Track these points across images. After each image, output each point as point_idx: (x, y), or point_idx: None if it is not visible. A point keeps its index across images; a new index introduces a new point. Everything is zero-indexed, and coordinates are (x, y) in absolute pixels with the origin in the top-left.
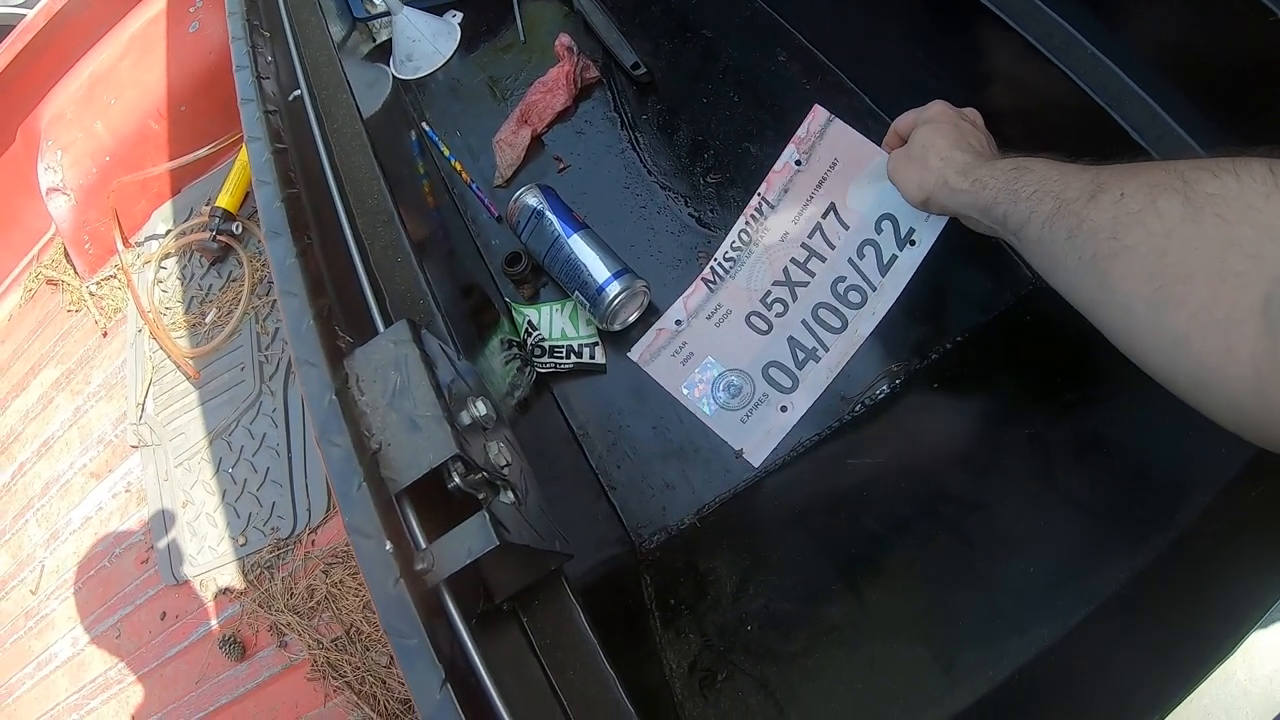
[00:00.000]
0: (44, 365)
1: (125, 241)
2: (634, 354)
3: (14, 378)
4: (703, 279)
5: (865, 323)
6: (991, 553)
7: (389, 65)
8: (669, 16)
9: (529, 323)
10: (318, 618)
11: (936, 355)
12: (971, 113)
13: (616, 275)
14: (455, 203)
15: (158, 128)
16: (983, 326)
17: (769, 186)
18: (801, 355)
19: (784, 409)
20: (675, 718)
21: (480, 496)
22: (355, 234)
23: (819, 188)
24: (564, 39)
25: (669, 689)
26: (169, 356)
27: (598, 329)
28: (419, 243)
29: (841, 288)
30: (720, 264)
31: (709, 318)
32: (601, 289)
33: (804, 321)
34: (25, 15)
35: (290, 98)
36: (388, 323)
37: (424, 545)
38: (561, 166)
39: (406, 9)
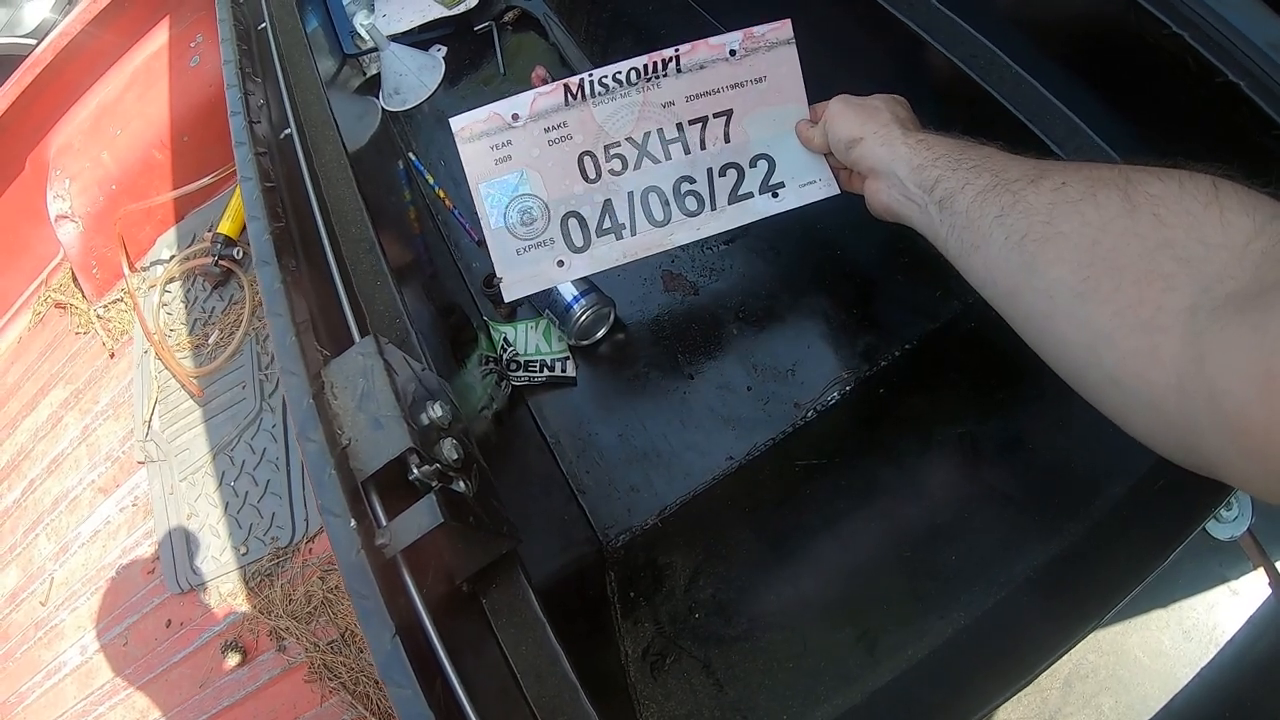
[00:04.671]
0: (53, 385)
1: (131, 266)
2: (456, 123)
3: (24, 397)
4: (564, 85)
5: (684, 233)
6: (919, 542)
7: (378, 98)
8: (639, 44)
9: (505, 339)
10: (315, 622)
11: (885, 362)
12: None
13: (584, 294)
14: (439, 228)
15: (161, 157)
16: (929, 334)
17: (691, 51)
18: (608, 224)
19: (560, 264)
20: (628, 698)
21: (434, 485)
22: (339, 261)
23: (732, 89)
24: (540, 70)
25: (624, 672)
26: (174, 376)
27: (569, 345)
28: (399, 268)
29: (685, 188)
30: (592, 83)
31: (547, 130)
32: (569, 307)
33: (630, 194)
34: (32, 47)
35: (281, 136)
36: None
37: (384, 524)
38: None
39: (393, 45)
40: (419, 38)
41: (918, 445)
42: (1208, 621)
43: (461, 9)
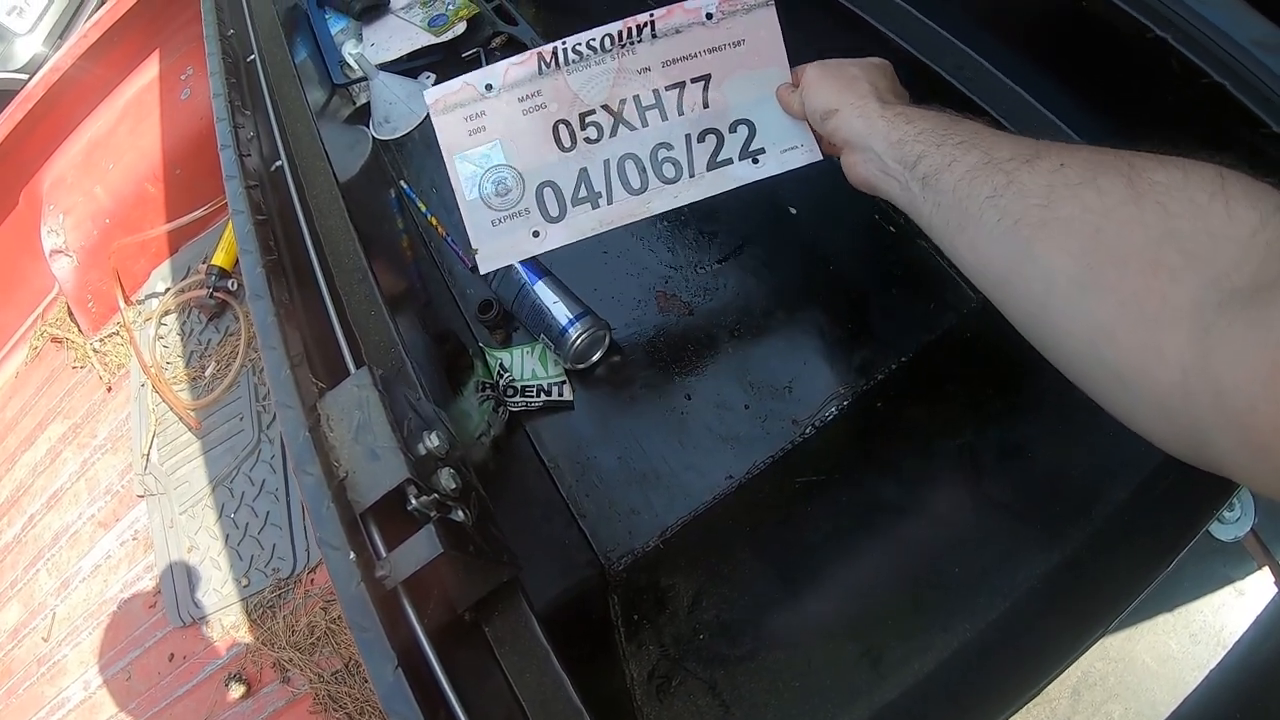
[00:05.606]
0: (51, 420)
1: (127, 300)
2: (430, 95)
3: (22, 433)
4: (538, 54)
5: (661, 200)
6: (920, 556)
7: (368, 127)
8: None
9: (501, 365)
10: (318, 652)
11: (882, 376)
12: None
13: (578, 318)
14: (432, 255)
15: (154, 190)
16: (926, 346)
17: (666, 16)
18: (584, 193)
19: (536, 234)
20: None
21: (432, 515)
22: (332, 292)
23: (710, 53)
24: None
25: (630, 695)
26: (171, 409)
27: (564, 368)
28: (393, 297)
29: (662, 154)
30: (566, 51)
31: (521, 100)
32: (565, 331)
33: (607, 162)
34: (24, 82)
35: (272, 168)
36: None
37: (384, 555)
38: None
39: (382, 73)
40: (408, 66)
41: (917, 458)
42: (1214, 623)
43: (449, 36)
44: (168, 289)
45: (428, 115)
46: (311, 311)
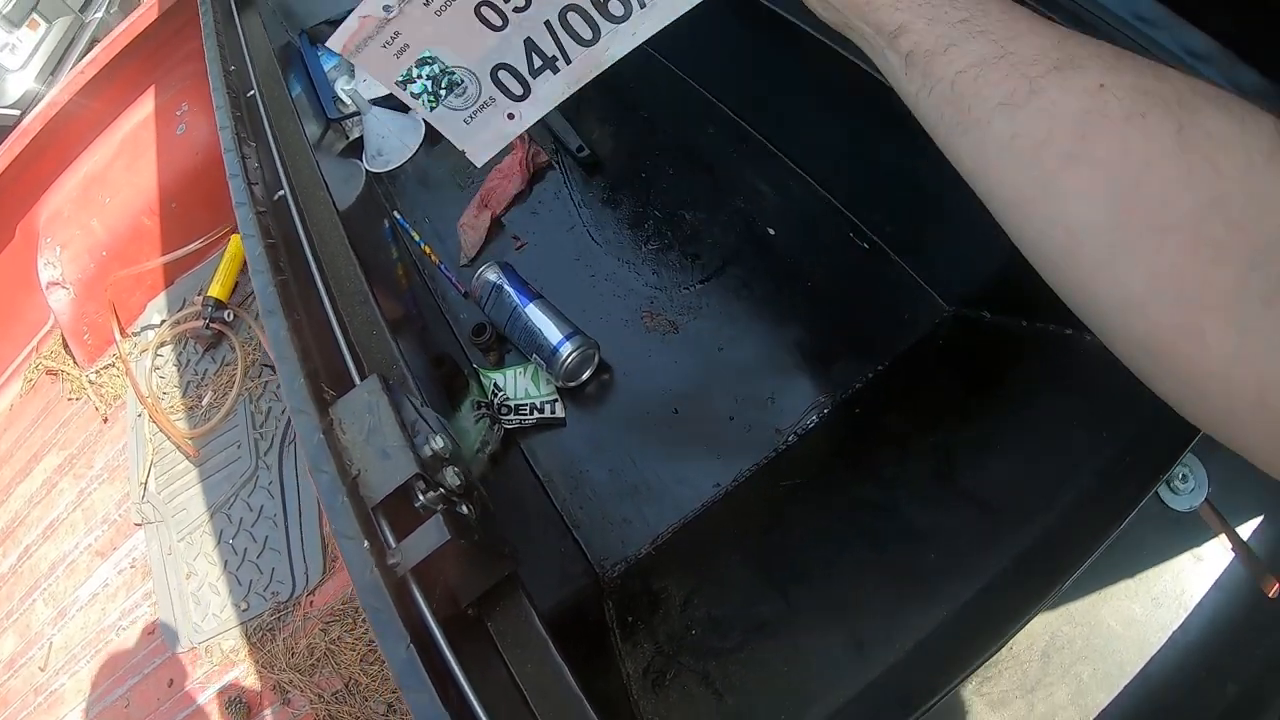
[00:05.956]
0: (46, 452)
1: (123, 332)
2: (335, 43)
3: (17, 465)
4: None
5: (620, 43)
6: (898, 547)
7: (362, 160)
8: (609, 98)
9: (495, 385)
10: (318, 674)
11: (859, 384)
12: None
13: (569, 337)
14: (426, 282)
15: (150, 224)
16: (900, 354)
17: None
18: (539, 63)
19: (511, 116)
20: (631, 715)
21: (439, 508)
22: (336, 312)
23: None
24: None
25: (627, 692)
26: (169, 438)
27: (556, 387)
28: (393, 320)
29: None
30: None
31: (426, 4)
32: (556, 350)
33: (548, 23)
34: (16, 118)
35: (275, 197)
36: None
37: (394, 545)
38: (519, 245)
39: (375, 108)
40: (399, 101)
41: (894, 458)
42: (1175, 588)
43: None
44: (163, 321)
45: (419, 148)
46: (317, 331)
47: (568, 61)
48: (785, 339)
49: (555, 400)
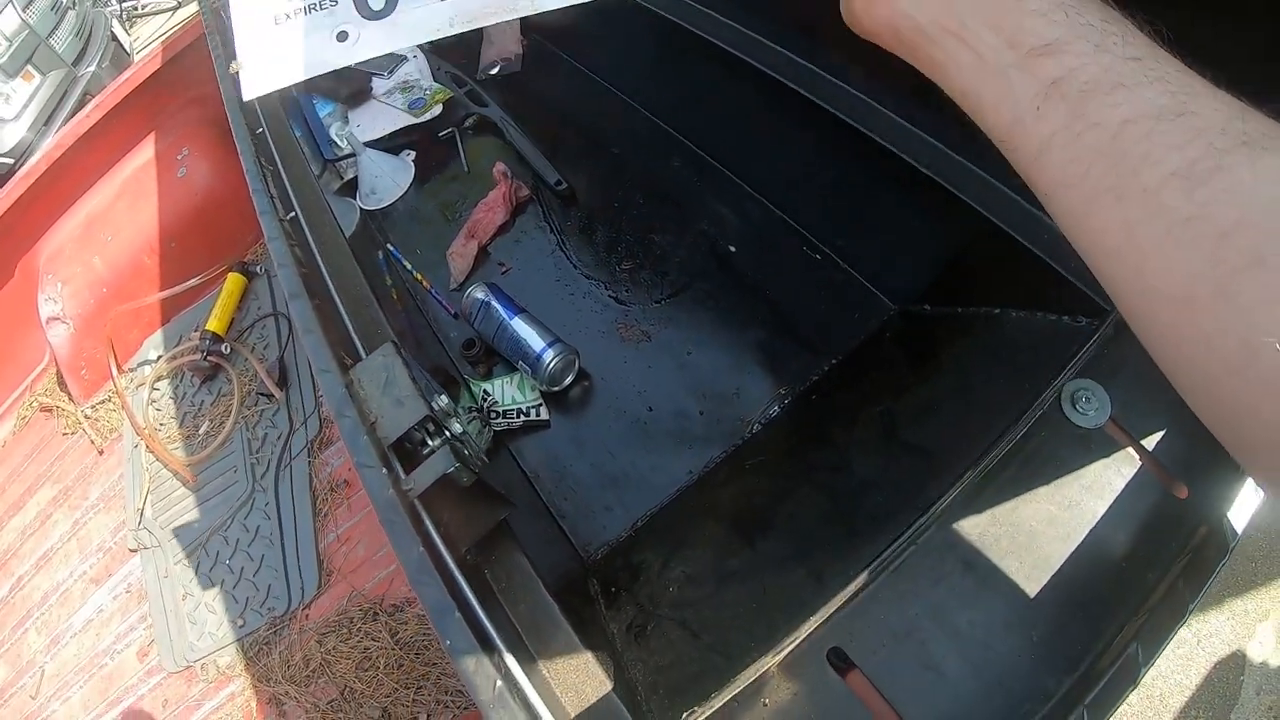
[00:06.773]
0: (40, 485)
1: (119, 367)
2: None
3: (10, 499)
4: None
5: None
6: (850, 496)
7: (356, 199)
8: (583, 138)
9: (485, 392)
10: (314, 684)
11: (816, 376)
12: None
13: (551, 344)
14: (419, 306)
15: (150, 262)
16: (854, 349)
17: None
18: None
19: (343, 36)
20: (617, 664)
21: (446, 442)
22: (346, 309)
23: None
24: (500, 166)
25: (613, 648)
26: (165, 466)
27: (541, 391)
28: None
29: None
30: None
31: None
32: (540, 356)
33: None
34: (10, 166)
35: (287, 217)
36: None
37: (406, 477)
38: (504, 269)
39: (368, 150)
40: (390, 144)
41: (845, 427)
42: (1090, 494)
43: (428, 118)
44: (159, 356)
45: (410, 186)
46: (329, 327)
47: None
48: (748, 342)
49: (540, 404)
